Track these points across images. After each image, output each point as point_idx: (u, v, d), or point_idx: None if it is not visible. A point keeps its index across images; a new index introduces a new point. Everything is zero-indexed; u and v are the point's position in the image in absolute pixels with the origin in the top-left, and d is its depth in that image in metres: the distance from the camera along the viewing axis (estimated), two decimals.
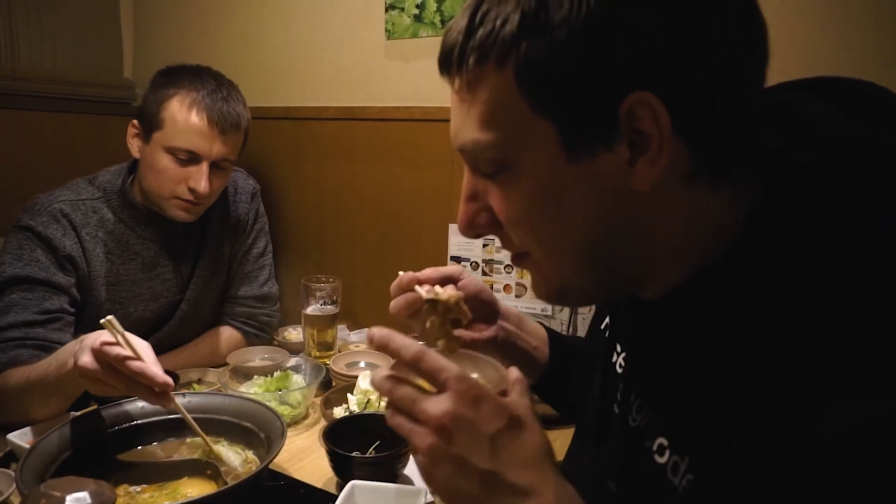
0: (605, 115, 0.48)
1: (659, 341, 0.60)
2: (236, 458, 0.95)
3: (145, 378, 0.88)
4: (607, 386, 0.71)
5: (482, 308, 0.92)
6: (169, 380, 0.90)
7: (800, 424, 0.42)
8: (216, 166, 1.36)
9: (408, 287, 0.83)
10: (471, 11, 0.51)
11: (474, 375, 0.62)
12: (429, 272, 0.85)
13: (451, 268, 0.89)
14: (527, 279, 1.53)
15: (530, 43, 0.48)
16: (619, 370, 0.69)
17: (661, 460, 0.55)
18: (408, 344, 0.56)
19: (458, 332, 0.81)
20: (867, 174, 0.49)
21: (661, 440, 0.56)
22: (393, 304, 0.85)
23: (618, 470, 0.64)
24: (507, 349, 0.92)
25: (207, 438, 0.96)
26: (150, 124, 1.33)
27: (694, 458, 0.52)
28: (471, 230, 0.60)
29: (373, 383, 0.58)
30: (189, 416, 0.96)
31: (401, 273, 0.85)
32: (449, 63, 0.54)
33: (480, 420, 0.53)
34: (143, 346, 0.92)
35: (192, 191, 1.32)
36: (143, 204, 1.39)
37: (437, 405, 0.53)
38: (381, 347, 0.57)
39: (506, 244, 0.60)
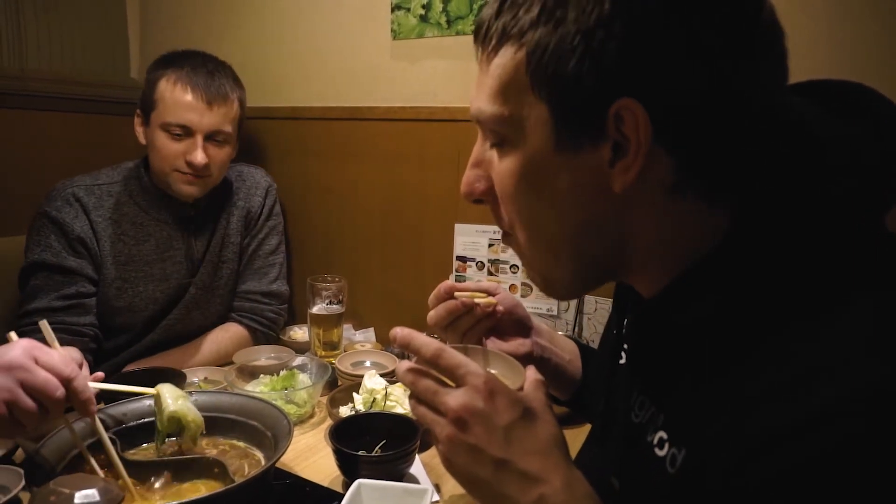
0: (594, 113, 0.51)
1: (655, 336, 0.62)
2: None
3: None
4: (613, 385, 0.72)
5: (516, 324, 0.94)
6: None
7: (771, 407, 0.44)
8: (212, 139, 1.42)
9: (446, 296, 0.87)
10: None
11: (492, 371, 0.66)
12: (467, 284, 0.90)
13: (488, 283, 0.92)
14: None
15: (544, 31, 0.51)
16: (623, 363, 0.71)
17: (661, 453, 0.56)
18: (428, 342, 0.62)
19: (496, 345, 0.86)
20: (851, 177, 0.51)
21: (661, 434, 0.57)
22: (432, 313, 0.88)
23: (620, 465, 0.66)
24: (542, 365, 0.94)
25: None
26: (148, 107, 1.42)
27: (689, 448, 0.53)
28: (468, 195, 0.64)
29: (397, 375, 0.63)
30: None
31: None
32: (477, 36, 0.59)
33: (495, 412, 0.57)
34: None
35: (189, 164, 1.39)
36: (157, 187, 1.47)
37: (455, 398, 0.58)
38: (403, 346, 0.63)
39: (497, 218, 0.64)
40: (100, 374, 0.97)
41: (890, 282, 0.47)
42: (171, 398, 0.94)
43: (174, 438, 0.97)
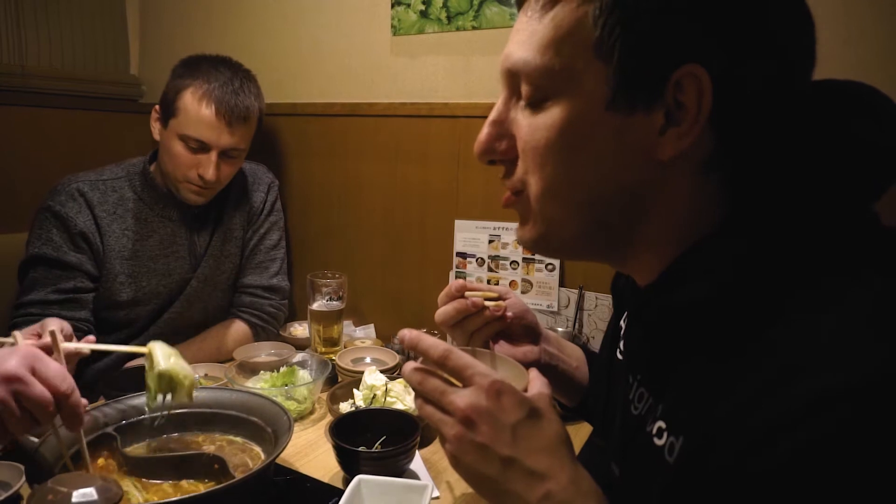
0: (657, 76, 0.50)
1: (651, 325, 0.62)
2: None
3: None
4: (613, 378, 0.72)
5: (525, 330, 0.94)
6: None
7: (770, 395, 0.44)
8: (226, 154, 1.44)
9: (457, 294, 0.86)
10: None
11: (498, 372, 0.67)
12: (478, 285, 0.90)
13: (500, 287, 0.92)
14: (532, 276, 1.53)
15: None
16: (620, 359, 0.72)
17: (660, 442, 0.57)
18: (435, 343, 0.63)
19: (504, 350, 0.86)
20: (849, 172, 0.51)
21: (660, 423, 0.58)
22: (441, 311, 0.87)
23: (620, 454, 0.66)
24: (549, 372, 0.93)
25: None
26: (168, 111, 1.42)
27: (686, 436, 0.53)
28: (485, 154, 0.61)
29: (403, 374, 0.64)
30: None
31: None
32: None
33: (502, 412, 0.58)
34: None
35: (200, 177, 1.41)
36: (162, 184, 1.48)
37: (463, 398, 0.59)
38: (412, 347, 0.64)
39: (508, 175, 0.62)
40: (91, 336, 0.99)
41: (889, 268, 0.48)
42: (163, 356, 0.92)
43: (167, 397, 0.93)
